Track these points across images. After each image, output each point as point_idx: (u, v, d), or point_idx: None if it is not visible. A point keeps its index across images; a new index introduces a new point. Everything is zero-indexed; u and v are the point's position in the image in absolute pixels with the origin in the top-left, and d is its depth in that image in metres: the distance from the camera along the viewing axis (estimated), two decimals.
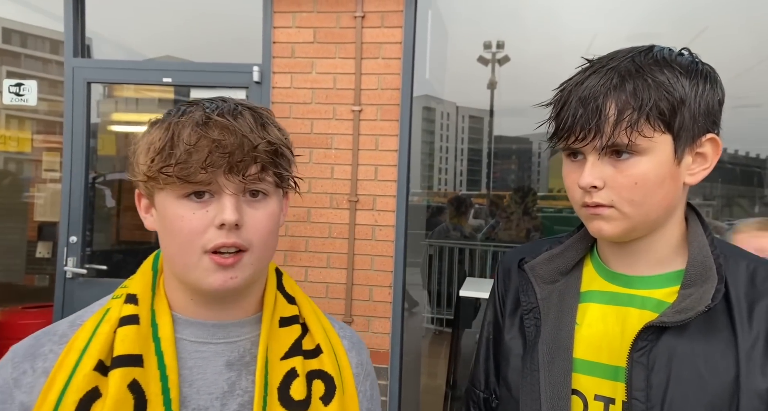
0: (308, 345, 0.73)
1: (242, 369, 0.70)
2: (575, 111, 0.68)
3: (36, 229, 3.61)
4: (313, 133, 2.63)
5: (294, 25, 2.63)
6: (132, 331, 0.65)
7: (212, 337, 0.70)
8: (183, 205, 0.64)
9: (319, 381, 0.70)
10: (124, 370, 0.62)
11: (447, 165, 5.94)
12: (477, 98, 4.82)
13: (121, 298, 0.69)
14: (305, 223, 2.64)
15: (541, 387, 0.74)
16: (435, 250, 4.56)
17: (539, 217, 4.38)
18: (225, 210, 0.63)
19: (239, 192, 0.64)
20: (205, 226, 0.63)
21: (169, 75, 2.73)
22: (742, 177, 3.50)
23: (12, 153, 3.87)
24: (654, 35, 3.01)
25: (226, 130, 0.62)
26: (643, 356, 0.68)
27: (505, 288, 0.88)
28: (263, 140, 0.64)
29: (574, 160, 0.73)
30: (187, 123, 0.63)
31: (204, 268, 0.64)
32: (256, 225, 0.66)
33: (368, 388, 0.79)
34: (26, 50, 4.31)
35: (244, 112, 0.65)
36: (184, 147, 0.61)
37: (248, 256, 0.65)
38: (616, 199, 0.68)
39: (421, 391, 3.23)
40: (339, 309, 2.61)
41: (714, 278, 0.69)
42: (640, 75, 0.66)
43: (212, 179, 0.63)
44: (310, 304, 0.79)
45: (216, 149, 0.61)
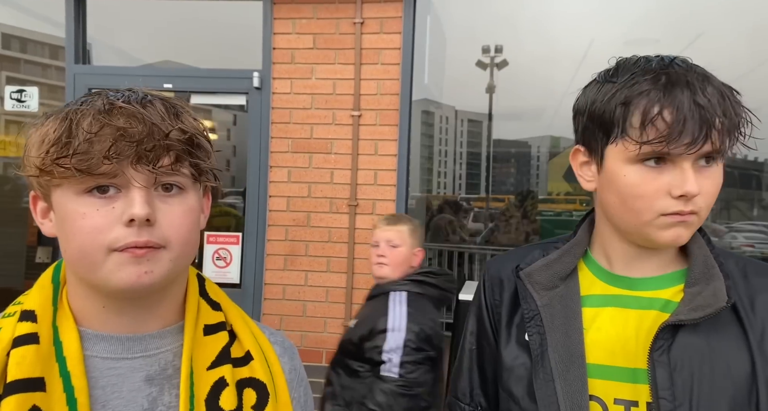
0: (237, 352, 0.68)
1: (164, 383, 0.64)
2: (687, 117, 0.66)
3: (35, 234, 3.61)
4: (312, 138, 2.64)
5: (294, 31, 2.64)
6: (30, 351, 0.57)
7: (128, 351, 0.63)
8: (84, 202, 0.57)
9: (251, 389, 0.66)
10: (20, 396, 0.55)
11: (446, 168, 5.95)
12: (476, 102, 4.84)
13: (15, 316, 0.61)
14: (305, 227, 2.65)
15: (558, 397, 0.73)
16: (434, 253, 4.57)
17: (538, 220, 4.39)
18: (134, 204, 0.56)
19: (150, 185, 0.58)
20: (111, 224, 0.56)
21: (170, 81, 2.74)
22: (741, 180, 3.52)
23: (11, 158, 3.88)
24: (651, 40, 3.03)
25: (134, 117, 0.56)
26: (663, 355, 0.69)
27: (495, 298, 0.86)
28: (176, 128, 0.58)
29: (654, 166, 0.70)
30: (87, 111, 0.56)
31: (113, 262, 0.57)
32: (172, 221, 0.59)
33: (302, 394, 0.76)
34: (26, 56, 4.33)
35: (154, 101, 0.59)
36: (84, 136, 0.55)
37: (165, 253, 0.59)
38: (703, 205, 0.69)
39: None
40: (339, 313, 2.62)
41: (719, 276, 0.71)
42: (718, 89, 0.68)
43: (118, 171, 0.56)
44: (237, 309, 0.73)
45: (121, 138, 0.55)
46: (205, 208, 0.69)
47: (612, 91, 0.72)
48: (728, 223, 3.53)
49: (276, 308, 2.68)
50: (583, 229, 0.84)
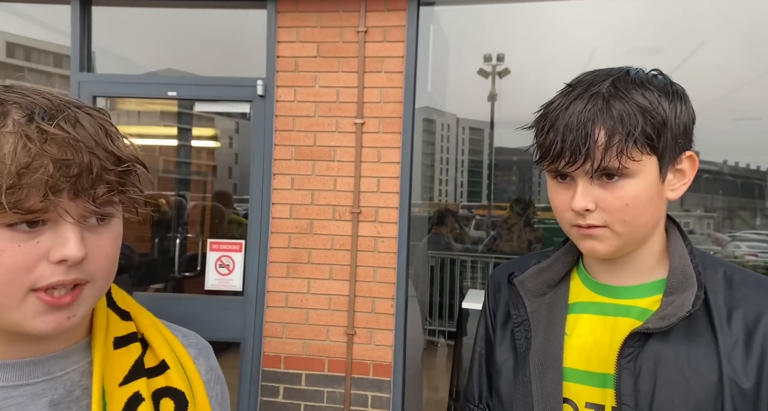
0: (151, 362, 0.64)
1: (72, 406, 0.58)
2: (564, 136, 0.70)
3: None
4: (316, 146, 2.65)
5: (298, 39, 2.66)
6: None
7: (27, 377, 0.57)
8: (3, 237, 0.49)
9: (168, 399, 0.62)
10: None
11: (448, 176, 5.95)
12: (477, 110, 4.85)
13: None
14: (308, 234, 2.65)
15: (533, 398, 0.76)
16: (436, 261, 4.56)
17: (540, 228, 4.38)
18: (68, 243, 0.50)
19: (82, 219, 0.52)
20: (35, 262, 0.50)
21: (174, 89, 2.75)
22: (743, 189, 3.52)
23: None
24: (654, 49, 3.04)
25: (68, 145, 0.49)
26: (630, 362, 0.71)
27: (495, 303, 0.91)
28: (114, 158, 0.52)
29: (561, 181, 0.75)
30: (8, 133, 0.48)
31: (31, 309, 0.51)
32: (101, 254, 0.55)
33: (219, 392, 0.74)
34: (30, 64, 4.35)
35: (81, 119, 0.52)
36: (11, 167, 0.47)
37: (89, 288, 0.54)
38: (609, 219, 0.71)
39: (424, 405, 3.21)
40: (342, 321, 2.61)
41: (694, 285, 0.72)
42: (623, 100, 0.69)
43: (50, 207, 0.49)
44: (148, 316, 0.69)
45: (57, 171, 0.48)
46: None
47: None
48: (731, 233, 3.52)
49: (278, 316, 2.67)
50: None
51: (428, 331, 4.58)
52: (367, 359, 2.58)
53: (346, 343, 2.59)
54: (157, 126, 3.98)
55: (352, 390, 2.59)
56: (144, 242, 3.37)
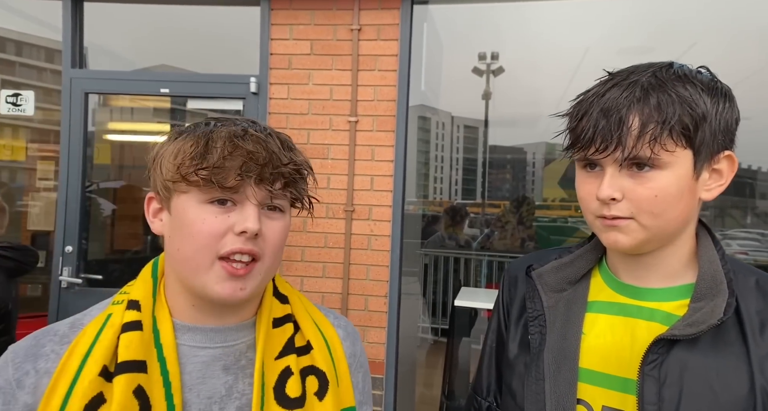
0: (300, 342, 0.74)
1: (239, 372, 0.71)
2: (597, 122, 0.68)
3: (29, 239, 3.59)
4: (309, 144, 2.65)
5: (291, 37, 2.65)
6: (136, 337, 0.65)
7: (210, 341, 0.71)
8: (206, 209, 0.65)
9: (313, 377, 0.72)
10: (129, 376, 0.62)
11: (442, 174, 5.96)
12: (472, 108, 4.87)
13: (123, 304, 0.69)
14: (301, 232, 2.65)
15: (546, 396, 0.74)
16: (430, 259, 4.57)
17: (534, 226, 4.40)
18: (249, 218, 0.65)
19: (262, 204, 0.67)
20: (224, 231, 0.65)
21: (167, 86, 2.74)
22: (735, 188, 3.55)
23: (6, 162, 3.86)
24: (645, 49, 3.06)
25: (260, 144, 0.66)
26: (654, 369, 0.68)
27: (511, 296, 0.88)
28: (290, 160, 0.68)
29: (590, 171, 0.73)
30: (222, 133, 0.66)
31: (215, 274, 0.65)
32: (272, 236, 0.68)
33: (360, 379, 0.81)
34: (21, 59, 4.31)
35: (272, 133, 0.70)
36: (221, 153, 0.64)
37: (260, 265, 0.67)
38: (636, 210, 0.68)
39: (417, 402, 3.22)
40: None
41: (725, 292, 0.69)
42: (663, 89, 0.66)
43: (240, 187, 0.65)
44: (301, 299, 0.81)
45: (250, 159, 0.65)
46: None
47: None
48: (722, 231, 3.55)
49: None
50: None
51: (422, 329, 4.60)
52: None
53: None
54: (149, 123, 3.96)
55: None
56: (137, 239, 3.36)
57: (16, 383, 0.63)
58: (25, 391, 0.63)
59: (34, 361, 0.64)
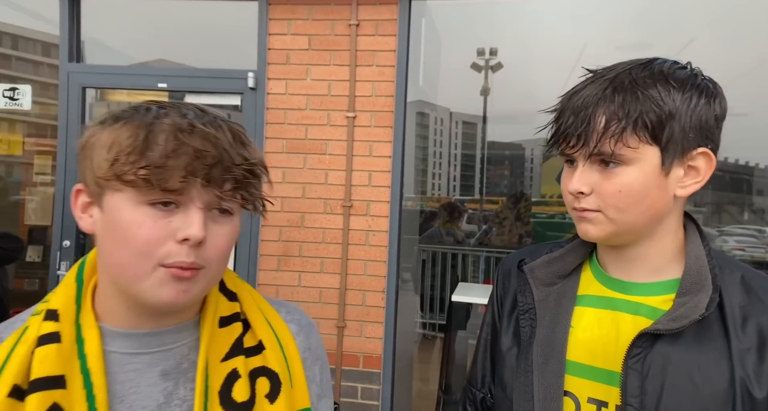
0: (250, 342, 0.70)
1: (180, 377, 0.65)
2: (568, 119, 0.71)
3: (26, 233, 3.59)
4: (307, 139, 2.64)
5: (289, 32, 2.65)
6: (52, 350, 0.59)
7: (145, 346, 0.65)
8: (143, 212, 0.58)
9: (264, 378, 0.67)
10: (42, 394, 0.57)
11: (440, 170, 5.96)
12: (470, 104, 4.86)
13: (41, 314, 0.63)
14: (299, 228, 2.65)
15: (534, 387, 0.75)
16: (428, 255, 4.58)
17: (532, 222, 4.41)
18: (193, 224, 0.58)
19: (208, 207, 0.61)
20: (165, 238, 0.58)
21: (164, 80, 2.73)
22: (732, 184, 3.55)
23: (3, 156, 3.85)
24: (644, 45, 3.06)
25: (208, 141, 0.59)
26: (638, 363, 0.69)
27: (504, 290, 0.90)
28: (243, 158, 0.61)
29: (570, 166, 0.76)
30: (165, 126, 0.58)
31: (158, 278, 0.59)
32: (218, 243, 0.62)
33: (317, 372, 0.77)
34: (17, 52, 4.29)
35: (223, 126, 0.62)
36: (163, 151, 0.57)
37: (204, 272, 0.61)
38: (602, 204, 0.71)
39: (414, 396, 3.24)
40: (332, 314, 2.62)
41: (709, 288, 0.70)
42: (632, 88, 0.68)
43: (185, 189, 0.58)
44: (252, 295, 0.75)
45: (197, 159, 0.57)
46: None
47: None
48: (719, 227, 3.56)
49: None
50: None
51: (420, 324, 4.61)
52: (357, 351, 2.60)
53: (336, 336, 2.61)
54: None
55: (342, 381, 2.60)
56: None
57: None
58: None
59: None
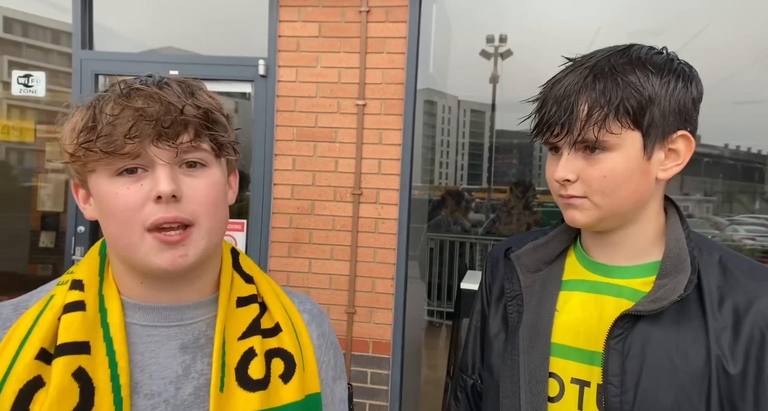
0: (267, 324, 0.72)
1: (197, 351, 0.67)
2: (551, 108, 0.72)
3: (39, 219, 3.63)
4: (317, 127, 2.65)
5: (299, 19, 2.64)
6: (77, 317, 0.62)
7: (164, 320, 0.67)
8: (116, 183, 0.60)
9: (279, 359, 0.69)
10: (68, 357, 0.59)
11: (448, 159, 5.94)
12: (479, 92, 4.83)
13: (67, 284, 0.66)
14: (309, 215, 2.67)
15: (520, 370, 0.78)
16: (435, 243, 4.59)
17: (539, 211, 4.40)
18: (159, 181, 0.59)
19: (173, 162, 0.61)
20: (143, 201, 0.60)
21: (176, 68, 2.74)
22: (743, 173, 3.53)
23: (14, 143, 3.88)
24: (657, 31, 3.02)
25: (150, 98, 0.60)
26: (619, 343, 0.72)
27: (492, 277, 0.92)
28: (191, 105, 0.61)
29: (554, 154, 0.77)
30: (108, 97, 0.60)
31: (149, 246, 0.60)
32: (197, 195, 0.62)
33: (331, 356, 0.79)
34: (28, 40, 4.30)
35: (170, 83, 0.63)
36: (107, 119, 0.58)
37: (197, 230, 0.62)
38: (588, 190, 0.73)
39: (422, 382, 3.27)
40: (342, 300, 2.64)
41: (688, 269, 0.72)
42: (611, 74, 0.70)
43: (141, 150, 0.59)
44: (269, 282, 0.77)
45: (140, 118, 0.58)
46: (232, 183, 0.73)
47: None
48: (729, 216, 3.54)
49: None
50: None
51: (428, 312, 4.64)
52: (367, 337, 2.63)
53: (346, 322, 2.64)
54: None
55: (352, 366, 2.64)
56: None
57: None
58: None
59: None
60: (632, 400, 0.70)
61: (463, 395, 0.94)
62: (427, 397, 3.21)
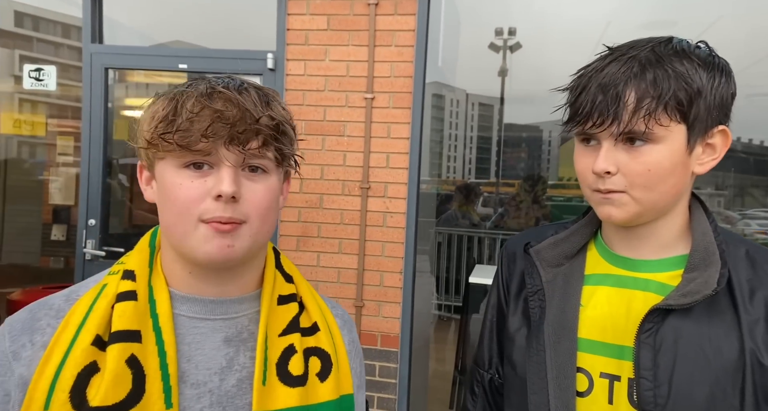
0: (305, 323, 0.74)
1: (240, 345, 0.70)
2: (594, 97, 0.70)
3: (50, 212, 3.67)
4: (325, 121, 2.65)
5: (308, 12, 2.63)
6: (129, 306, 0.64)
7: (210, 313, 0.69)
8: (182, 174, 0.64)
9: (316, 358, 0.71)
10: (122, 345, 0.62)
11: (456, 153, 5.92)
12: (488, 86, 4.80)
13: (119, 274, 0.68)
14: (318, 209, 2.68)
15: (547, 366, 0.77)
16: (444, 237, 4.59)
17: (548, 205, 4.38)
18: (223, 181, 0.62)
19: (239, 165, 0.64)
20: (203, 196, 0.63)
21: (185, 61, 2.75)
22: (756, 166, 3.49)
23: (26, 136, 3.92)
24: (668, 23, 2.98)
25: (230, 102, 0.63)
26: (650, 337, 0.71)
27: (509, 272, 0.91)
28: (266, 115, 0.64)
29: (587, 145, 0.75)
30: (191, 94, 0.63)
31: (201, 234, 0.63)
32: (254, 199, 0.65)
33: (358, 365, 0.81)
34: (38, 34, 4.32)
35: (249, 89, 0.66)
36: (187, 115, 0.62)
37: (246, 227, 0.65)
38: (629, 184, 0.71)
39: (430, 376, 3.29)
40: (350, 294, 2.66)
41: (717, 263, 0.71)
42: (660, 64, 0.68)
43: (212, 149, 0.62)
44: (306, 283, 0.80)
45: (218, 119, 0.62)
46: (285, 190, 0.76)
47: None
48: (742, 210, 3.50)
49: None
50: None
51: (436, 306, 4.65)
52: (375, 331, 2.64)
53: (354, 315, 2.65)
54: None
55: None
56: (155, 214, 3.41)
57: (12, 355, 0.63)
58: (21, 364, 0.62)
59: (30, 334, 0.64)
60: (666, 394, 0.69)
61: (481, 390, 0.93)
62: (434, 391, 3.23)
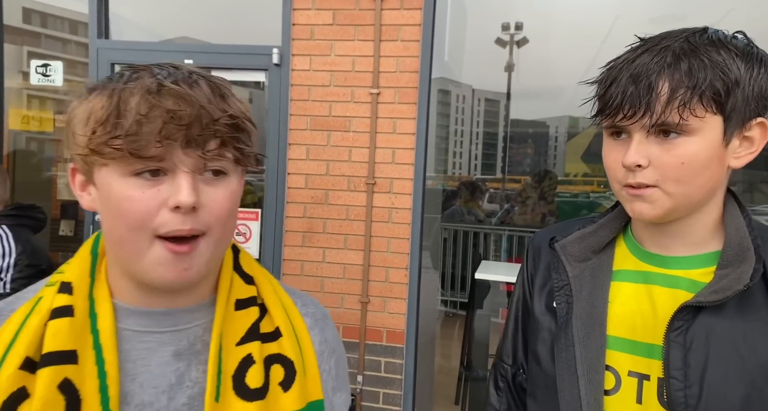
0: (266, 327, 0.67)
1: (192, 358, 0.63)
2: (625, 88, 0.67)
3: (59, 208, 3.70)
4: (331, 116, 2.65)
5: (313, 6, 2.62)
6: (64, 324, 0.57)
7: (158, 325, 0.63)
8: (131, 184, 0.55)
9: (279, 365, 0.65)
10: (53, 368, 0.55)
11: (462, 149, 5.90)
12: (494, 81, 4.78)
13: (55, 286, 0.61)
14: (323, 205, 2.68)
15: (577, 361, 0.75)
16: (450, 233, 4.58)
17: (555, 201, 4.36)
18: (181, 190, 0.55)
19: (196, 170, 0.57)
20: (157, 207, 0.55)
21: (191, 56, 2.75)
22: (766, 162, 3.45)
23: (34, 132, 3.94)
24: (678, 17, 2.95)
25: (182, 99, 0.55)
26: (680, 336, 0.69)
27: (535, 266, 0.90)
28: (224, 113, 0.57)
29: (617, 138, 0.72)
30: (135, 90, 0.55)
31: (155, 256, 0.56)
32: (215, 207, 0.58)
33: (333, 365, 0.74)
34: (46, 30, 4.34)
35: (199, 81, 0.58)
36: (134, 117, 0.53)
37: (205, 241, 0.58)
38: (661, 178, 0.68)
39: (436, 372, 3.29)
40: (356, 290, 2.66)
41: (752, 258, 0.68)
42: (695, 54, 0.65)
43: (166, 154, 0.55)
44: (270, 281, 0.72)
45: (171, 120, 0.54)
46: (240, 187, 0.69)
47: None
48: (751, 206, 3.47)
49: (294, 284, 2.73)
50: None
51: (441, 302, 4.65)
52: (381, 326, 2.64)
53: (360, 311, 2.65)
54: None
55: (365, 355, 2.66)
56: None
57: None
58: None
59: None
60: (698, 395, 0.67)
61: (505, 384, 0.93)
62: (440, 387, 3.23)
